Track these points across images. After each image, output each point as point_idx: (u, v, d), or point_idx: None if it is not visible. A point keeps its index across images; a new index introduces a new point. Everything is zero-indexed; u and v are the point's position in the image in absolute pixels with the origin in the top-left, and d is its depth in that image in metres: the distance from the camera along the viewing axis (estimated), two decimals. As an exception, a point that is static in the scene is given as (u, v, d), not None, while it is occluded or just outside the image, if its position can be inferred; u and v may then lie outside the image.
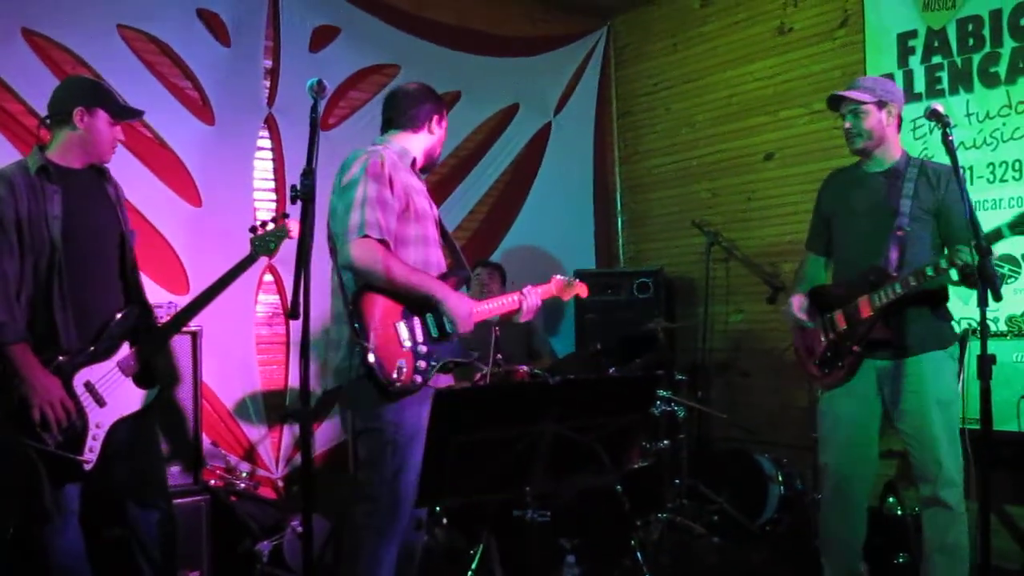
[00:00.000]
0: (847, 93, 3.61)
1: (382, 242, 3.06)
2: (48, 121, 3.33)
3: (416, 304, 3.14)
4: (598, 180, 7.05)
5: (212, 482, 4.58)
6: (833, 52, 5.63)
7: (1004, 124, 4.82)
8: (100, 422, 3.22)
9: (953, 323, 3.71)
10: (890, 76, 5.19)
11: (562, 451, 2.59)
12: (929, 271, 3.30)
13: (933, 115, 3.15)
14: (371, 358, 2.98)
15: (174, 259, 4.96)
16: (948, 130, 3.12)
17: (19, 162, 3.28)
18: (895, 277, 3.46)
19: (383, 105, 3.46)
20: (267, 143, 5.41)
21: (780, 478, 5.09)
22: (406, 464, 3.05)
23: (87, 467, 3.18)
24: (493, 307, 3.43)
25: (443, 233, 3.46)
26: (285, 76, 5.38)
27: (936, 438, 3.47)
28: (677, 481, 5.20)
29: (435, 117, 3.44)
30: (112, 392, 3.25)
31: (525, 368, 4.82)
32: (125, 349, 3.30)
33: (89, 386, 3.21)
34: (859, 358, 3.60)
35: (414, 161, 3.37)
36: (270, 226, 3.38)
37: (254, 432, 5.19)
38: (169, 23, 5.02)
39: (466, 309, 3.20)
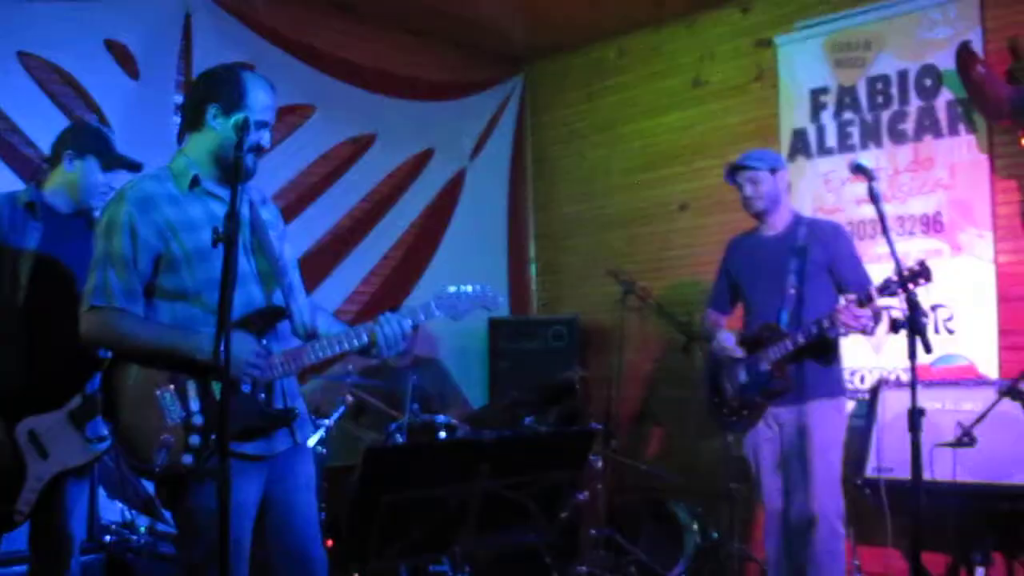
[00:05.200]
0: (744, 163, 3.99)
1: (114, 310, 2.50)
2: (48, 160, 3.29)
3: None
4: (512, 227, 7.01)
5: (107, 538, 4.31)
6: (748, 104, 5.73)
7: (912, 179, 4.97)
8: (41, 475, 3.01)
9: (843, 375, 4.08)
10: (803, 130, 5.33)
11: (494, 508, 2.49)
12: (813, 329, 3.69)
13: (858, 169, 3.22)
14: (120, 438, 2.49)
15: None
16: (873, 184, 3.17)
17: (12, 193, 3.21)
18: (785, 334, 3.82)
19: None
20: (175, 181, 5.18)
21: (695, 527, 5.07)
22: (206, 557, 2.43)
23: (16, 518, 3.00)
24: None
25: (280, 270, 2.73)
26: (196, 113, 5.17)
27: (813, 481, 3.78)
28: (593, 532, 5.13)
29: (210, 107, 2.62)
30: (56, 443, 3.04)
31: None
32: (78, 400, 3.10)
33: (33, 436, 3.01)
34: (762, 406, 3.98)
35: (195, 179, 2.61)
36: None
37: (151, 483, 4.90)
38: (74, 52, 4.78)
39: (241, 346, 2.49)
